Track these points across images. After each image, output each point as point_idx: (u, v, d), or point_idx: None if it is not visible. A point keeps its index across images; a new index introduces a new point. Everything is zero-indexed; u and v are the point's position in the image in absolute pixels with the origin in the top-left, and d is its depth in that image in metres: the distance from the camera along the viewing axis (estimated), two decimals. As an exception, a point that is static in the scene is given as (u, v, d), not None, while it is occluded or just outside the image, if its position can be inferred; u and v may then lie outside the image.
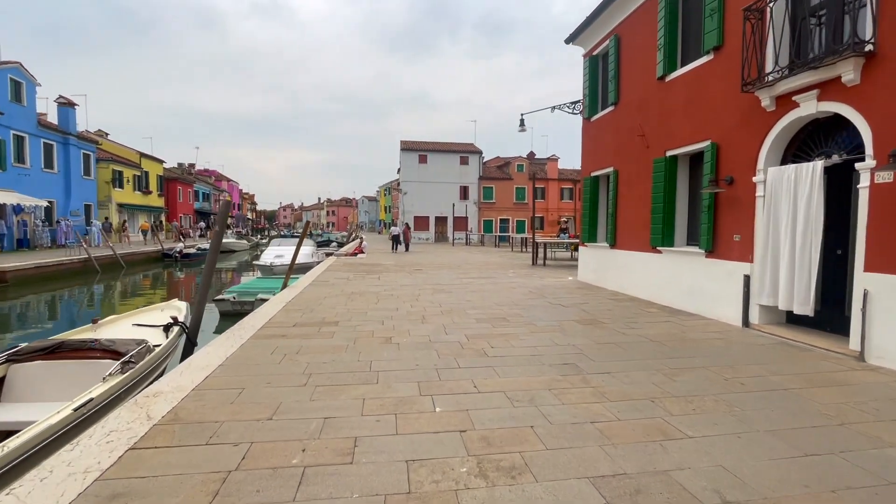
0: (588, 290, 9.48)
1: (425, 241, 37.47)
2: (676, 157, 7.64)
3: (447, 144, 39.60)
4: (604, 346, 5.12)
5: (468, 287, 9.95)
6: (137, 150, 34.65)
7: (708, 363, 4.54)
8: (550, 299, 8.36)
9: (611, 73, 9.47)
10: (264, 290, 10.53)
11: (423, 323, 6.28)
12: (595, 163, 10.45)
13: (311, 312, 6.88)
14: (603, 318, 6.72)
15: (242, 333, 5.49)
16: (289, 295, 8.50)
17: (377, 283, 10.60)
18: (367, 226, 79.64)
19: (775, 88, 5.50)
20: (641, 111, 8.48)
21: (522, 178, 38.93)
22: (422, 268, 14.47)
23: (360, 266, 14.83)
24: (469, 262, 16.81)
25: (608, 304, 7.90)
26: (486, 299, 8.31)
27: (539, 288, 9.86)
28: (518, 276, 12.37)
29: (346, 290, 9.35)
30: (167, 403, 3.34)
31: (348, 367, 4.30)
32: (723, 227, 6.49)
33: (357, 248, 21.89)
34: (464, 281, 11.09)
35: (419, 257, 19.42)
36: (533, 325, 6.17)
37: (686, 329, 6.02)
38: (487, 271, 13.53)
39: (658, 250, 7.92)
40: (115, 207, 30.46)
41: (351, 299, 8.16)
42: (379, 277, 11.67)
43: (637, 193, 8.64)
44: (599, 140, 10.24)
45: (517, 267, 15.05)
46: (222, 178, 64.82)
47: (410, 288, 9.74)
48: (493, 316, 6.79)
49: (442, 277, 11.78)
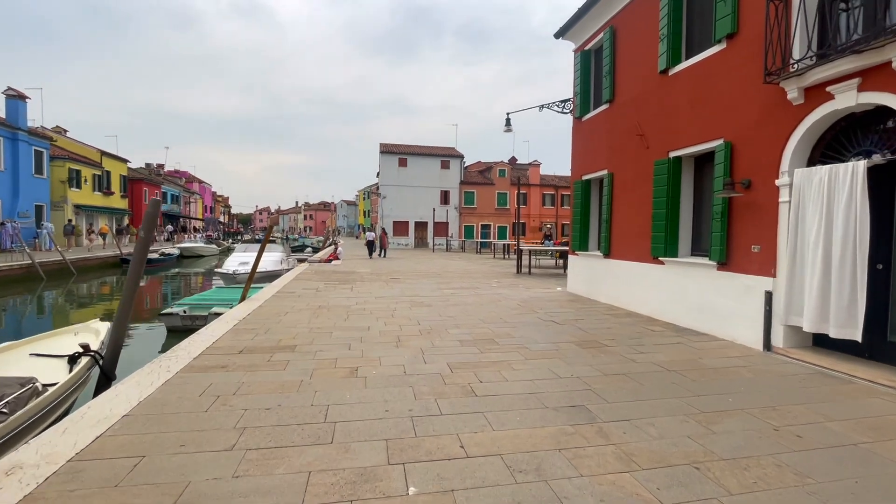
0: (581, 304, 8.68)
1: (405, 246, 36.43)
2: (681, 158, 6.92)
3: (428, 148, 38.76)
4: (614, 379, 4.26)
5: (450, 300, 9.03)
6: (98, 149, 32.62)
7: (744, 403, 3.72)
8: (541, 314, 7.51)
9: (605, 69, 8.76)
10: (220, 302, 9.38)
11: (399, 347, 5.32)
12: (587, 165, 9.71)
13: (265, 333, 5.84)
14: (604, 338, 5.88)
15: (172, 364, 4.42)
16: (245, 310, 7.41)
17: (349, 294, 9.57)
18: (346, 230, 77.97)
19: (805, 78, 4.79)
20: (640, 109, 7.77)
21: (504, 184, 38.36)
22: (399, 277, 13.49)
23: (334, 274, 13.75)
24: (450, 271, 15.90)
25: (606, 320, 7.09)
26: (471, 315, 7.40)
27: (527, 301, 9.01)
28: (503, 286, 11.52)
29: (312, 303, 8.30)
30: (18, 490, 2.30)
31: (297, 415, 3.32)
32: (738, 236, 5.76)
33: (332, 255, 20.75)
34: (445, 292, 10.16)
35: (397, 264, 18.42)
36: (526, 349, 5.29)
37: (700, 353, 5.24)
38: (470, 281, 12.65)
39: (660, 261, 7.17)
40: (71, 209, 28.42)
41: (317, 315, 7.13)
42: (352, 288, 10.64)
43: (635, 198, 7.90)
44: (592, 141, 9.51)
45: (501, 276, 14.22)
46: (194, 180, 62.33)
47: (386, 301, 8.75)
48: (479, 337, 5.88)
49: (421, 288, 10.83)
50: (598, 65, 9.55)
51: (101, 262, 21.90)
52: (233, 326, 6.17)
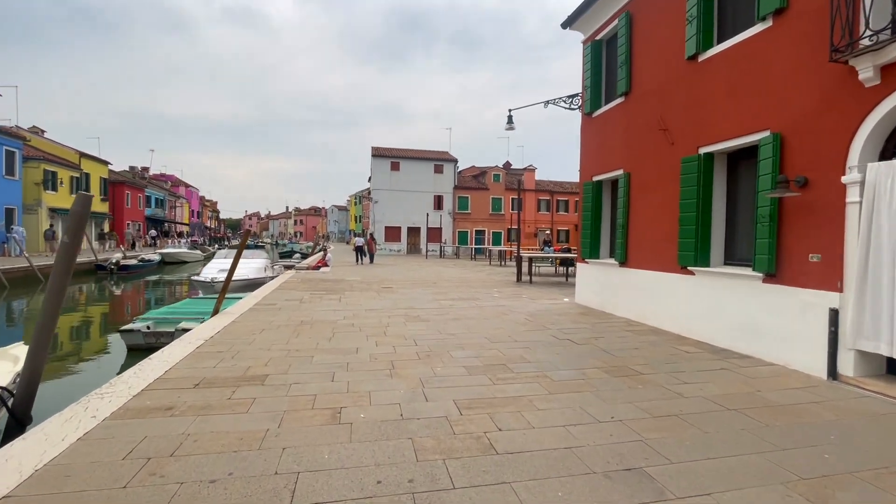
0: (595, 318, 7.80)
1: (397, 252, 35.44)
2: (712, 154, 6.11)
3: (421, 152, 37.92)
4: (667, 424, 3.37)
5: (449, 313, 8.11)
6: (77, 150, 31.29)
7: (847, 461, 2.85)
8: (554, 331, 6.62)
9: (620, 59, 7.96)
10: (191, 315, 8.35)
11: (393, 376, 4.38)
12: (598, 165, 8.89)
13: (232, 358, 4.86)
14: (634, 362, 5.00)
15: (102, 405, 3.45)
16: (214, 327, 6.43)
17: (337, 306, 8.61)
18: (337, 236, 76.74)
19: (883, 54, 3.99)
20: (663, 101, 6.96)
21: (499, 189, 37.61)
22: (392, 286, 12.53)
23: (321, 282, 12.76)
24: (446, 279, 14.98)
25: (629, 339, 6.21)
26: (475, 332, 6.49)
27: (535, 314, 8.12)
28: (505, 296, 10.63)
29: (294, 317, 7.33)
30: None
31: (253, 493, 2.37)
32: (791, 243, 4.93)
33: (320, 261, 19.74)
34: (442, 304, 9.24)
35: (389, 272, 17.45)
36: (547, 379, 4.38)
37: (756, 383, 4.37)
38: (468, 290, 11.74)
39: (689, 271, 6.33)
40: (45, 212, 27.06)
41: (297, 333, 6.16)
42: (340, 298, 9.67)
43: (657, 200, 7.08)
44: (604, 138, 8.70)
45: (501, 284, 13.33)
46: (180, 184, 60.85)
47: (378, 315, 7.80)
48: (489, 361, 4.96)
49: (416, 299, 9.90)
50: (610, 55, 8.76)
51: (75, 269, 20.58)
52: (195, 349, 5.19)
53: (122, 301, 16.71)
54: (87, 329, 11.74)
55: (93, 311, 14.10)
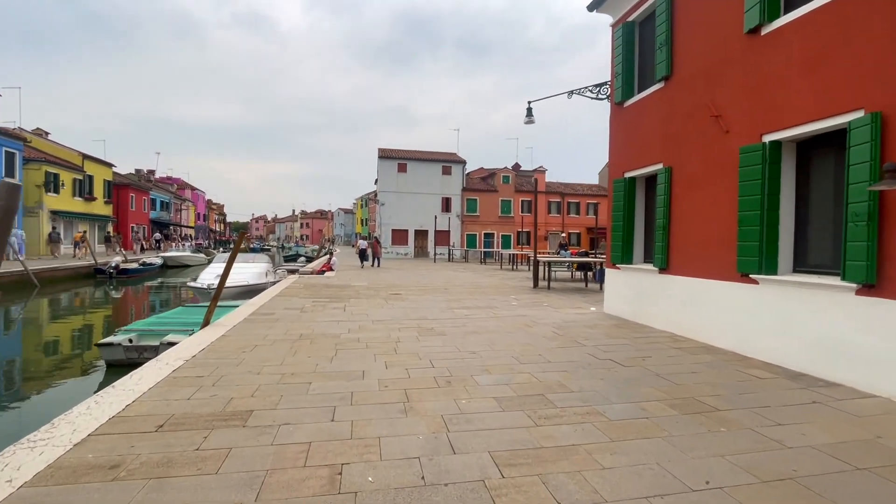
0: (632, 331, 6.89)
1: (404, 256, 34.64)
2: (780, 142, 5.20)
3: (428, 153, 37.16)
4: (783, 491, 2.47)
5: (466, 325, 7.23)
6: (80, 152, 30.85)
7: None
8: (591, 348, 5.72)
9: (660, 39, 7.07)
10: (180, 327, 7.55)
11: (408, 413, 3.51)
12: (631, 160, 7.99)
13: (214, 385, 4.03)
14: (701, 392, 4.10)
15: (29, 460, 2.61)
16: (199, 343, 5.60)
17: (341, 316, 7.77)
18: (343, 239, 76.20)
19: None
20: (714, 83, 6.07)
21: (508, 191, 36.72)
22: (401, 292, 11.68)
23: (326, 288, 11.95)
24: (457, 284, 14.11)
25: (681, 359, 5.30)
26: (499, 349, 5.61)
27: (563, 326, 7.22)
28: (524, 304, 9.73)
29: (293, 330, 6.49)
30: None
31: None
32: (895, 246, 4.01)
33: (325, 265, 18.95)
34: (457, 313, 8.36)
35: (397, 276, 16.61)
36: (602, 418, 3.49)
37: (868, 425, 3.44)
38: (484, 297, 10.86)
39: (751, 279, 5.41)
40: (47, 215, 26.56)
41: (294, 351, 5.32)
42: (345, 307, 8.83)
43: (707, 197, 6.17)
44: (639, 129, 7.80)
45: (517, 291, 12.43)
46: (186, 187, 60.58)
47: (386, 326, 6.95)
48: (523, 391, 4.08)
49: (428, 308, 9.03)
50: (645, 38, 7.88)
51: (71, 273, 20.01)
52: (171, 372, 4.36)
53: (117, 307, 16.00)
54: (71, 340, 10.97)
55: (82, 320, 13.36)
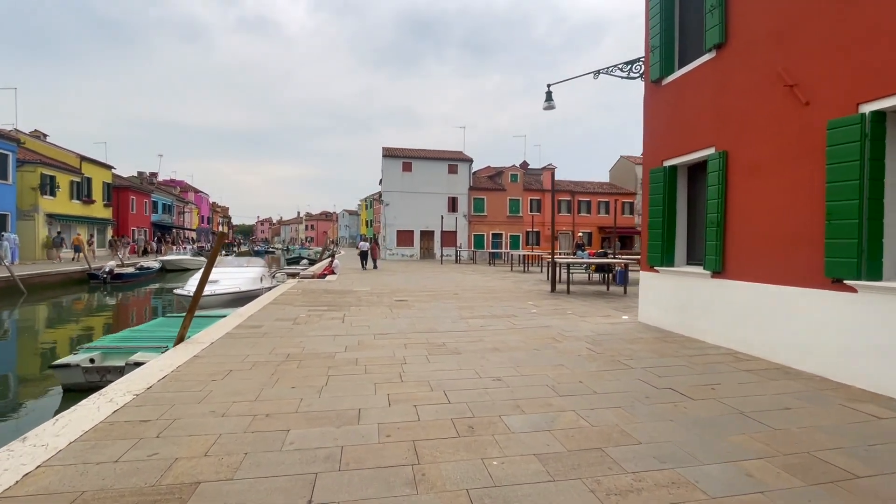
0: (681, 347, 5.81)
1: (409, 258, 33.64)
2: (884, 113, 4.11)
3: (434, 152, 36.16)
4: None
5: (484, 339, 6.19)
6: (78, 153, 30.15)
7: None
8: (640, 372, 4.66)
9: (710, 1, 5.99)
10: (153, 343, 6.56)
11: (418, 489, 2.46)
12: (672, 145, 6.91)
13: (158, 438, 3.00)
14: (817, 444, 3.02)
15: None
16: (164, 366, 4.60)
17: (338, 328, 6.75)
18: (348, 240, 75.41)
19: None
20: (787, 46, 4.98)
21: (517, 189, 35.62)
22: (407, 298, 10.66)
23: (324, 294, 10.95)
24: (468, 288, 13.06)
25: (760, 388, 4.21)
26: (527, 372, 4.56)
27: (597, 341, 6.16)
28: (545, 312, 8.66)
29: (280, 348, 5.48)
30: None
31: None
32: None
33: (327, 269, 17.98)
34: (471, 323, 7.32)
35: (402, 280, 15.58)
36: (697, 492, 2.42)
37: None
38: (498, 303, 9.80)
39: (846, 286, 4.32)
40: (43, 218, 25.84)
41: (276, 378, 4.30)
42: (344, 317, 7.82)
43: (777, 185, 5.08)
44: (682, 109, 6.72)
45: (533, 295, 11.36)
46: (189, 189, 60.02)
47: (390, 342, 5.92)
48: (572, 442, 3.02)
49: (437, 317, 7.99)
50: (688, 1, 6.80)
51: (63, 279, 19.17)
52: (108, 415, 3.35)
53: (105, 316, 15.09)
54: (40, 356, 10.00)
55: (58, 332, 12.42)
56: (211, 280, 12.20)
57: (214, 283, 11.68)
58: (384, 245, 34.09)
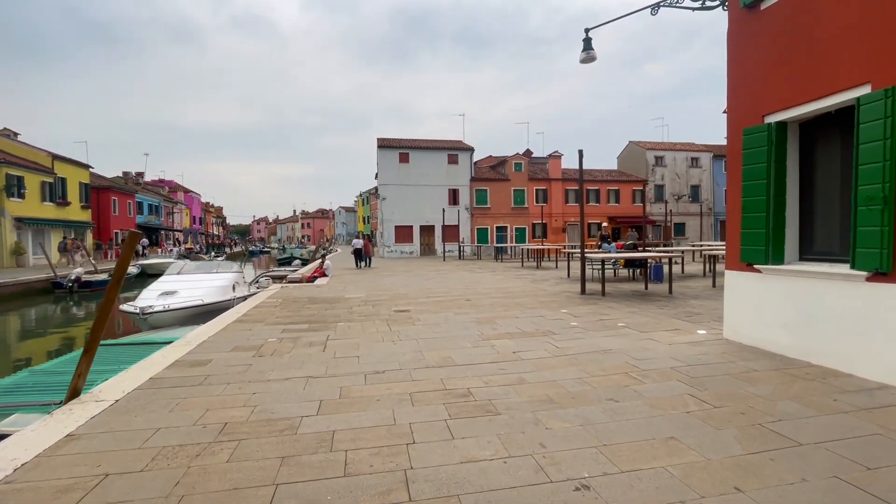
0: (827, 386, 3.83)
1: (409, 255, 31.63)
2: None
3: (432, 141, 34.04)
4: None
5: (525, 378, 4.20)
6: (49, 152, 28.00)
7: None
8: (820, 458, 2.68)
9: None
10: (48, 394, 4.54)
11: None
12: (782, 91, 4.89)
13: None
14: None
15: None
16: (9, 459, 2.59)
17: (315, 363, 4.76)
18: (345, 238, 73.32)
19: None
20: None
21: (521, 179, 33.55)
22: (409, 307, 8.66)
23: (308, 305, 8.95)
24: (480, 291, 11.07)
25: None
26: (625, 461, 2.57)
27: (692, 378, 4.18)
28: (586, 324, 6.68)
29: (217, 409, 3.49)
30: None
31: None
32: None
33: (317, 270, 15.98)
34: (500, 348, 5.32)
35: (402, 281, 13.56)
36: None
37: None
38: (522, 311, 7.81)
39: None
40: (9, 223, 23.75)
41: (184, 491, 2.30)
42: (326, 342, 5.83)
43: None
44: (799, 36, 4.70)
45: (562, 299, 9.37)
46: (179, 189, 57.82)
47: (386, 390, 3.91)
48: None
49: (451, 337, 6.00)
50: None
51: (22, 288, 17.13)
52: None
53: (52, 336, 13.09)
54: None
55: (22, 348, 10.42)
56: (166, 291, 10.19)
57: (170, 294, 9.64)
58: (382, 242, 32.07)
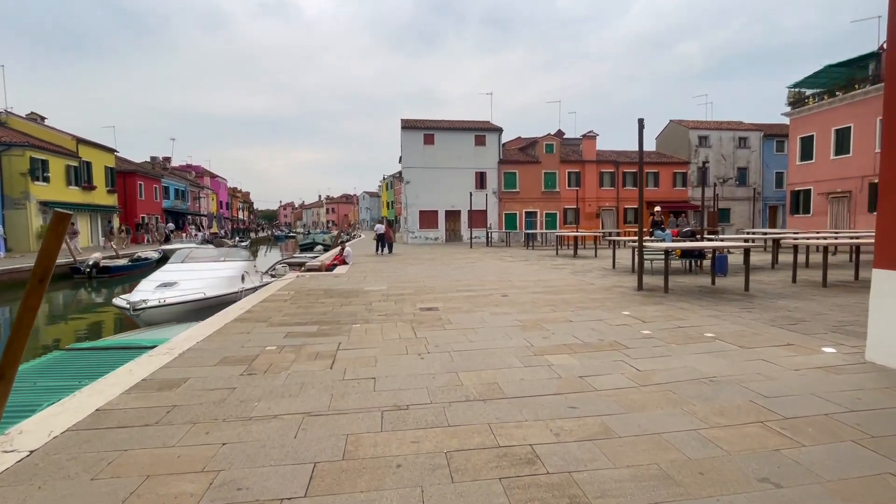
0: None
1: (434, 241, 30.44)
2: None
3: (458, 122, 32.46)
4: None
5: (611, 427, 2.88)
6: (74, 135, 27.88)
7: None
8: None
9: None
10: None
11: None
12: None
13: None
14: None
15: None
16: None
17: (318, 390, 3.57)
18: (369, 223, 72.78)
19: None
20: None
21: (553, 162, 31.67)
22: (437, 303, 7.42)
23: (323, 299, 7.83)
24: (517, 284, 9.73)
25: None
26: None
27: (865, 430, 2.77)
28: (661, 333, 5.28)
29: (162, 481, 2.32)
30: None
31: None
32: None
33: (337, 258, 14.95)
34: (559, 369, 4.02)
35: (428, 270, 12.33)
36: None
37: None
38: (573, 312, 6.46)
39: None
40: (35, 206, 23.72)
41: None
42: (335, 354, 4.64)
43: None
44: None
45: (616, 295, 7.94)
46: (206, 174, 58.15)
47: (410, 447, 2.66)
48: None
49: (492, 350, 4.72)
50: None
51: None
52: None
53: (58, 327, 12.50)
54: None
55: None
56: (165, 283, 9.23)
57: (169, 286, 8.68)
58: (406, 227, 30.95)
